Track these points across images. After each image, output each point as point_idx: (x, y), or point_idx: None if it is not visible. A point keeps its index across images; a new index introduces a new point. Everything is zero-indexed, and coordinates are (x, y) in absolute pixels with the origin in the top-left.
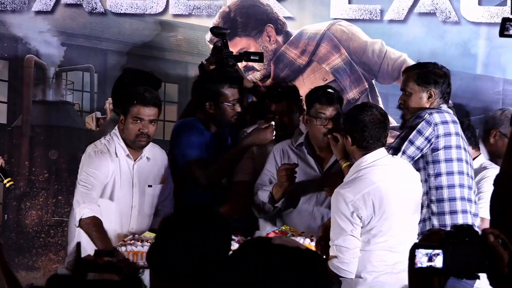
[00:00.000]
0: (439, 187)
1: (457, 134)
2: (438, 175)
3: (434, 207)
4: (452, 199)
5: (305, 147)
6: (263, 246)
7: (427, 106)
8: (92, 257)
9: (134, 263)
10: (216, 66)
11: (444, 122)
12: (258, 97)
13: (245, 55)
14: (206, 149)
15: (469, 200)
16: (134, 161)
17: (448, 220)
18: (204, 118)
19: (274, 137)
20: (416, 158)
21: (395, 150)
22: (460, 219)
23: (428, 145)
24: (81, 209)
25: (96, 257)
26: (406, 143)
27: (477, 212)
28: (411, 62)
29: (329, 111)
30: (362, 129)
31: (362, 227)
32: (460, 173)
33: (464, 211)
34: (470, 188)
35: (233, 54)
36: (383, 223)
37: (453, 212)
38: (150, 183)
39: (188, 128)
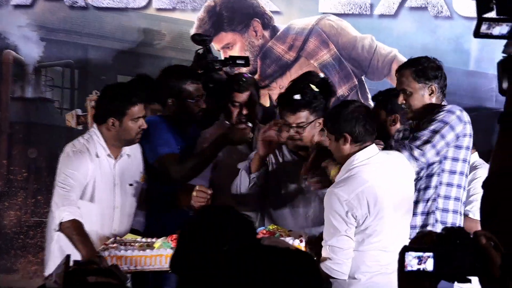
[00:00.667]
0: (449, 184)
1: (471, 135)
2: (452, 172)
3: (440, 202)
4: (457, 199)
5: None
6: (252, 247)
7: (428, 103)
8: (76, 267)
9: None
10: (201, 72)
11: (469, 122)
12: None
13: (230, 60)
14: (176, 146)
15: (464, 203)
16: (115, 159)
17: (450, 218)
18: (168, 115)
19: (251, 138)
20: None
21: (425, 142)
22: (458, 220)
23: (455, 141)
24: (61, 212)
25: (80, 266)
26: (437, 136)
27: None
28: (401, 57)
29: (292, 119)
30: (358, 124)
31: (356, 227)
32: (466, 175)
33: (461, 213)
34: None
35: (218, 59)
36: (378, 222)
37: (455, 212)
38: (131, 182)
39: (156, 125)
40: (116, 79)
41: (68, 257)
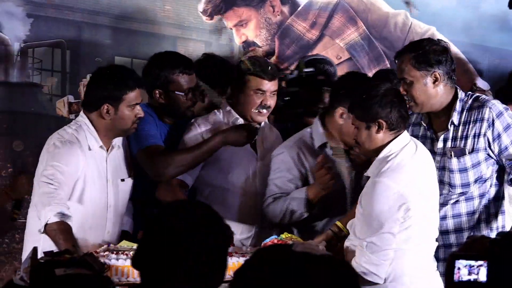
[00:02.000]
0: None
1: None
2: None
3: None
4: (503, 198)
5: (330, 148)
6: (284, 254)
7: (435, 92)
8: (48, 258)
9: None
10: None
11: None
12: None
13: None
14: (163, 141)
15: None
16: (107, 151)
17: (500, 221)
18: (157, 106)
19: (253, 142)
20: None
21: None
22: (506, 222)
23: None
24: (47, 213)
25: (53, 257)
26: None
27: None
28: (440, 36)
29: None
30: (393, 109)
31: (402, 223)
32: None
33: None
34: None
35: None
36: (425, 216)
37: (503, 212)
38: (122, 176)
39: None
40: (113, 61)
41: (35, 249)
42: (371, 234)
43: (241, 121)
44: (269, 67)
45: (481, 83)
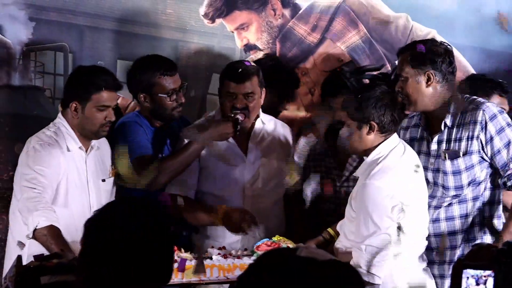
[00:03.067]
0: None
1: None
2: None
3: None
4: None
5: None
6: (288, 259)
7: (427, 91)
8: (37, 263)
9: None
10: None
11: None
12: None
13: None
14: (153, 148)
15: None
16: (86, 152)
17: (496, 224)
18: (146, 112)
19: (238, 132)
20: None
21: None
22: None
23: None
24: (35, 218)
25: (42, 261)
26: None
27: None
28: (441, 39)
29: None
30: (387, 112)
31: (395, 223)
32: None
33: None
34: None
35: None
36: (416, 216)
37: (499, 217)
38: (103, 177)
39: (129, 126)
40: (115, 64)
41: (19, 258)
42: (368, 237)
43: None
44: (239, 70)
45: None
